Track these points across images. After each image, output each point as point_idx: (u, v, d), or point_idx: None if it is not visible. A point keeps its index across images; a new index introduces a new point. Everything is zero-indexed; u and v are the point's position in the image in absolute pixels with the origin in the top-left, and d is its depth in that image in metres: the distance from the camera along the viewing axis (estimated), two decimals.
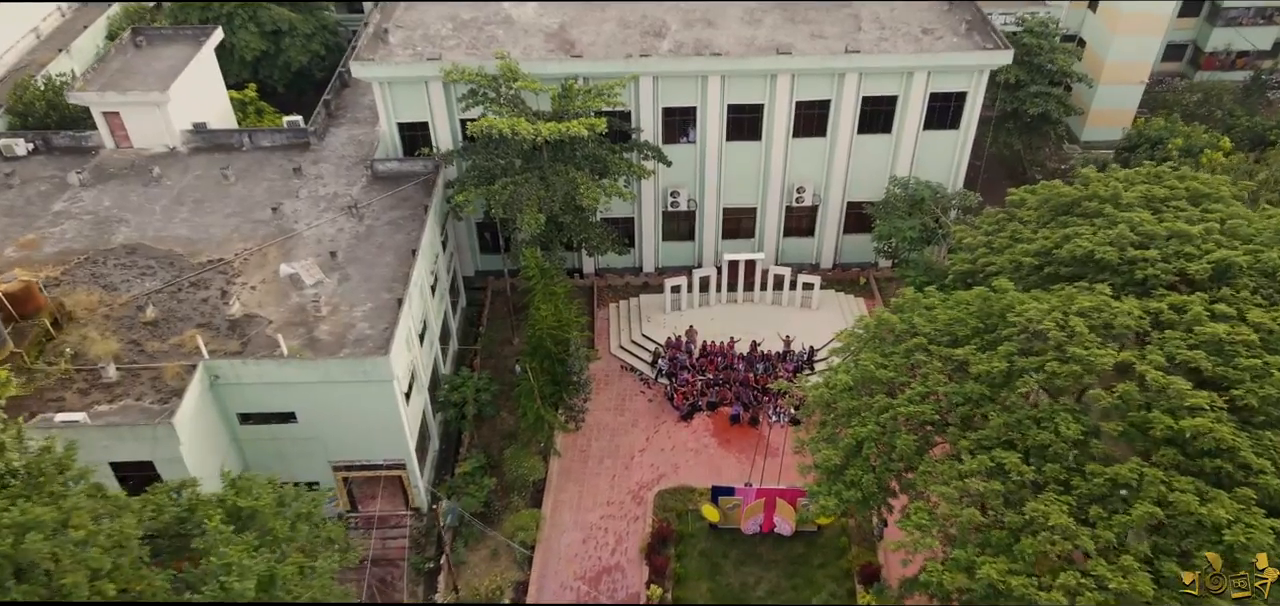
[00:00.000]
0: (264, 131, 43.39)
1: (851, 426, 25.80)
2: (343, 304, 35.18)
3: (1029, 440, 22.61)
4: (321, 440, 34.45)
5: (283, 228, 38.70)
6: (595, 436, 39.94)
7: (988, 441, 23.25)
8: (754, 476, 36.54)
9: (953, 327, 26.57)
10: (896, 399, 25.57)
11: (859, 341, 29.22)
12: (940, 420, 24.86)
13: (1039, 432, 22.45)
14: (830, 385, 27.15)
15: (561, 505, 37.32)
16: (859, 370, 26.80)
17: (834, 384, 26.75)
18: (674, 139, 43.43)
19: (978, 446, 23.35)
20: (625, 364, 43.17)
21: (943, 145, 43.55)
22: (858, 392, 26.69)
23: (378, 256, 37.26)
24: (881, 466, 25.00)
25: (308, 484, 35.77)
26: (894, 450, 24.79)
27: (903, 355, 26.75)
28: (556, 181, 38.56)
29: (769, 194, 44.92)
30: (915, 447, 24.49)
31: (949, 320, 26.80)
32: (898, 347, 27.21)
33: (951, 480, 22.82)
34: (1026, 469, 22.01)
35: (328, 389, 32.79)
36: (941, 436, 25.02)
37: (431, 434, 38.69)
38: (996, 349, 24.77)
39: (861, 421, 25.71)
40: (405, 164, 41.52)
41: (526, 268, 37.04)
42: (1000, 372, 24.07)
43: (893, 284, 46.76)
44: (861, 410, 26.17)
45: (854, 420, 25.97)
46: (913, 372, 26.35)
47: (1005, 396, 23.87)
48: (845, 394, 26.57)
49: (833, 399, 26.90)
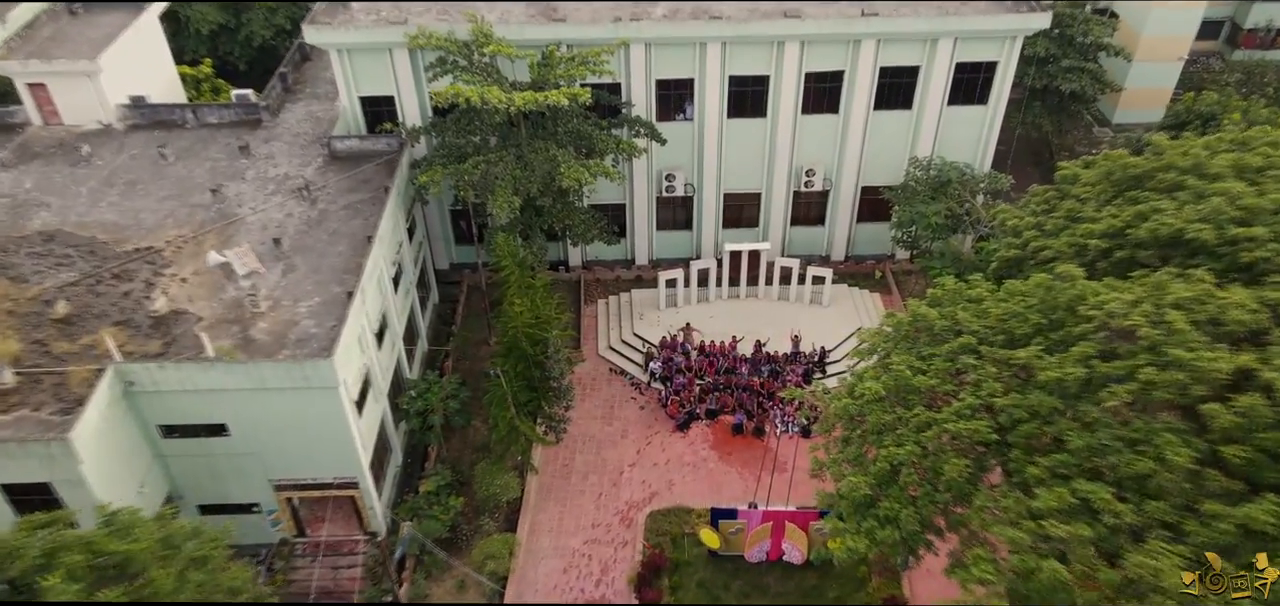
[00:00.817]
0: (211, 107, 37.78)
1: (885, 446, 20.24)
2: (285, 298, 29.66)
3: (1121, 469, 17.02)
4: (259, 455, 28.93)
5: (224, 212, 33.14)
6: (579, 448, 34.38)
7: (1065, 468, 17.69)
8: (759, 496, 31.01)
9: (1008, 324, 21.00)
10: (941, 413, 19.99)
11: (888, 341, 23.65)
12: (999, 440, 19.30)
13: (1135, 460, 16.85)
14: (856, 395, 21.58)
15: (539, 528, 31.78)
16: (892, 376, 21.21)
17: (861, 393, 21.16)
18: (669, 116, 37.83)
19: (1052, 475, 17.79)
20: (615, 366, 37.62)
21: (969, 123, 37.94)
22: (891, 404, 21.12)
23: (330, 245, 31.73)
24: (924, 498, 19.43)
25: (245, 506, 30.42)
26: (940, 477, 19.20)
27: (945, 358, 21.18)
28: (535, 160, 33.00)
29: (775, 177, 39.32)
30: (968, 474, 18.92)
31: (1003, 316, 21.22)
32: (938, 349, 21.63)
33: (1020, 519, 17.28)
34: (1122, 507, 16.44)
35: (263, 397, 27.30)
36: (1001, 461, 19.45)
37: (393, 447, 33.12)
38: (1069, 350, 19.21)
39: (897, 440, 20.14)
40: (366, 142, 35.93)
41: (499, 257, 31.49)
42: (1076, 381, 18.51)
43: (912, 277, 41.19)
44: (896, 426, 20.61)
45: (887, 438, 20.40)
46: (959, 380, 20.76)
47: (1083, 410, 18.31)
48: (876, 406, 20.98)
49: (860, 411, 21.33)
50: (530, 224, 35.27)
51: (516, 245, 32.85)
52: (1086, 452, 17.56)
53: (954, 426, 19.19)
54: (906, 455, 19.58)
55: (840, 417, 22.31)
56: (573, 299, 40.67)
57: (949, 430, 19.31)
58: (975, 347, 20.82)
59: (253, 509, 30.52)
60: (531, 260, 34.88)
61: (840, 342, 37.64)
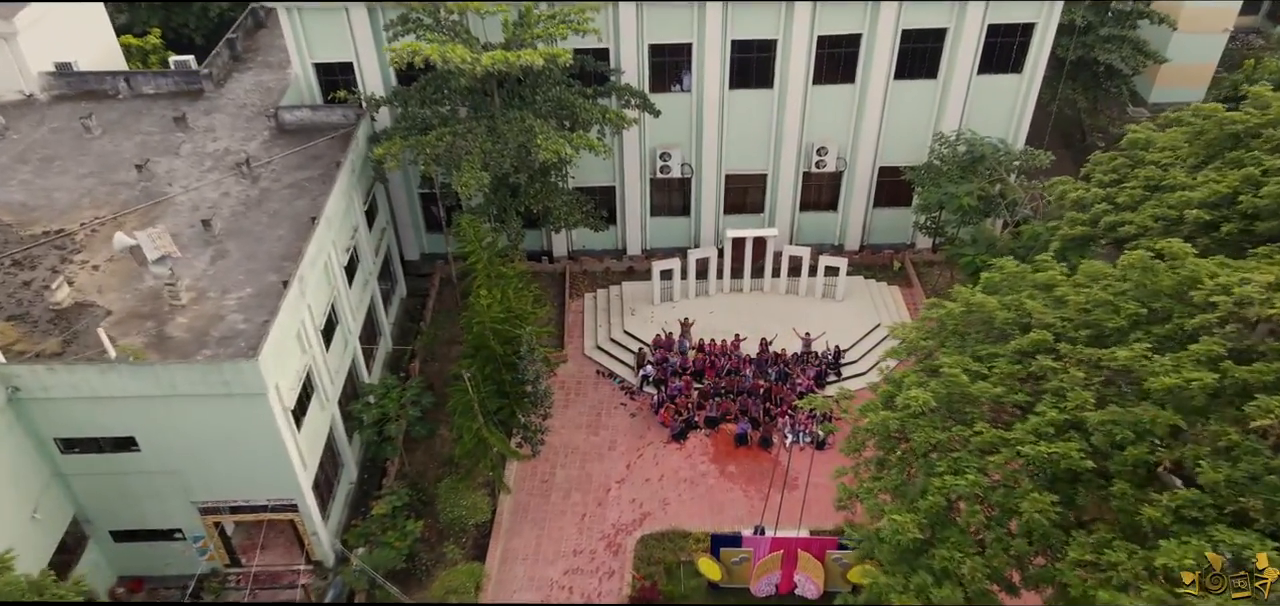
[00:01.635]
0: (147, 75, 32.68)
1: (937, 473, 15.13)
2: (212, 289, 24.59)
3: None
4: (178, 474, 23.84)
5: (150, 191, 28.05)
6: (561, 462, 29.27)
7: (1197, 511, 12.62)
8: (768, 519, 25.86)
9: (1094, 315, 15.90)
10: (1012, 430, 14.88)
11: (931, 337, 18.56)
12: (1094, 468, 14.19)
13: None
14: (898, 405, 16.45)
15: (512, 556, 26.66)
16: (942, 382, 16.10)
17: (905, 403, 16.02)
18: (664, 86, 32.72)
19: (1177, 518, 12.70)
20: (602, 368, 32.50)
21: (1002, 94, 32.77)
22: (942, 418, 16.02)
23: (270, 227, 26.66)
24: (996, 546, 14.34)
25: (166, 532, 25.35)
26: (1016, 518, 14.11)
27: (1012, 359, 16.08)
28: (508, 132, 27.92)
29: (783, 156, 34.16)
30: (1055, 515, 13.83)
31: (1086, 304, 16.11)
32: (1001, 348, 16.54)
33: (1138, 578, 12.20)
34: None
35: (177, 405, 22.22)
36: (1099, 497, 14.35)
37: (345, 462, 28.02)
38: (1186, 349, 14.12)
39: (953, 465, 15.05)
40: (320, 113, 30.80)
41: (464, 241, 26.43)
42: (1202, 390, 13.42)
43: (934, 268, 36.04)
44: (951, 447, 15.50)
45: (940, 463, 15.30)
46: (1034, 388, 15.66)
47: (1216, 431, 13.24)
48: (924, 421, 15.86)
49: (901, 426, 16.21)
50: (504, 206, 30.17)
51: (486, 229, 27.79)
52: (1227, 489, 12.45)
53: (1032, 450, 14.03)
54: (967, 487, 14.44)
55: (874, 433, 17.18)
56: (556, 292, 35.53)
57: (1025, 454, 14.19)
58: (1052, 345, 15.68)
59: (175, 536, 25.46)
60: (506, 248, 29.91)
61: (856, 341, 32.52)
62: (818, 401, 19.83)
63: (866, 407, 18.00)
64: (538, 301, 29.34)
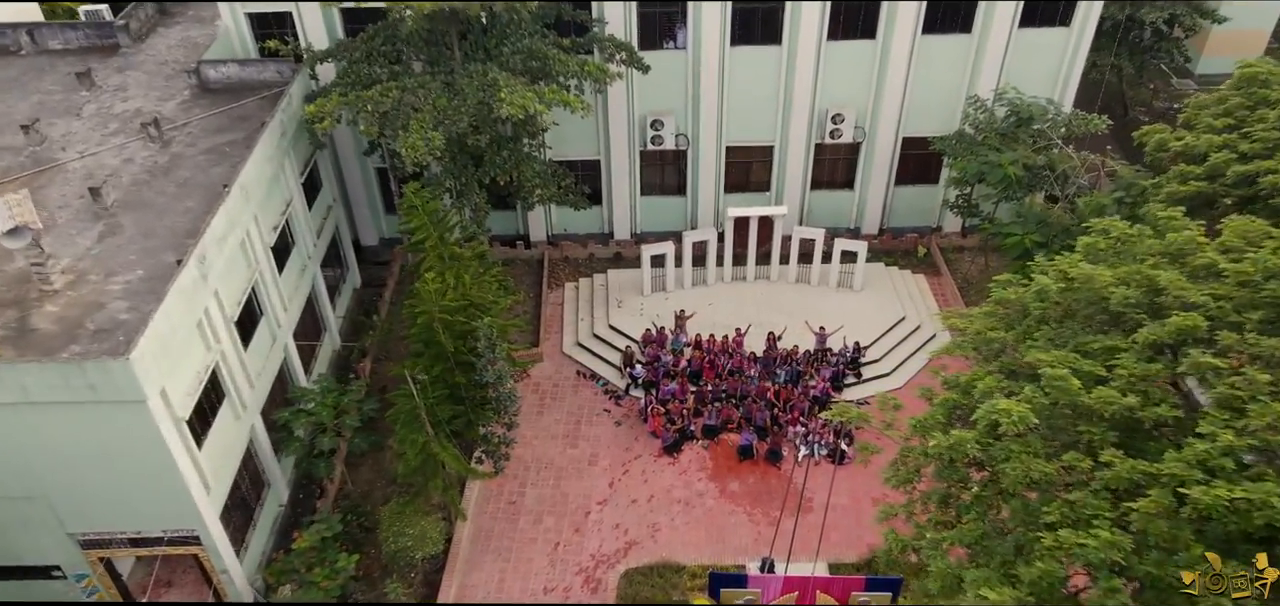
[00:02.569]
0: (54, 27, 27.48)
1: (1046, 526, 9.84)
2: (95, 270, 19.37)
3: None
4: (45, 499, 18.62)
5: (38, 157, 22.83)
6: (532, 479, 23.98)
7: None
8: (778, 551, 20.54)
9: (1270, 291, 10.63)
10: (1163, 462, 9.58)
11: (1003, 327, 13.24)
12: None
13: None
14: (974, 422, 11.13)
15: (470, 593, 21.37)
16: (1039, 389, 10.80)
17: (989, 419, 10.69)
18: (655, 43, 27.49)
19: None
20: (583, 369, 27.20)
21: (1047, 51, 27.42)
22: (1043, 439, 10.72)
23: (177, 199, 21.41)
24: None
25: (42, 569, 20.08)
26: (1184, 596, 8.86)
27: (1142, 355, 10.80)
28: (468, 86, 22.66)
29: (792, 125, 28.82)
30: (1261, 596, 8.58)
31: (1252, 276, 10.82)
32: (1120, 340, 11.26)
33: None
34: None
35: (33, 414, 17.04)
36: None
37: (272, 481, 22.73)
38: None
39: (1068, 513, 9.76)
40: (250, 69, 25.50)
41: (408, 217, 21.15)
42: None
43: (965, 255, 30.72)
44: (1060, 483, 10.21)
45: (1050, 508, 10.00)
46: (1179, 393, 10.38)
47: None
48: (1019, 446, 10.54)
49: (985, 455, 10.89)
50: (465, 177, 24.88)
51: (441, 205, 22.57)
52: None
53: (1206, 495, 8.74)
54: (1099, 549, 9.13)
55: (934, 458, 11.88)
56: (533, 282, 30.23)
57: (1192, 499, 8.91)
58: (1206, 335, 10.38)
59: (53, 573, 20.21)
60: (469, 230, 24.71)
61: (878, 337, 27.24)
62: (851, 412, 14.45)
63: (920, 425, 12.67)
64: (504, 288, 24.11)
